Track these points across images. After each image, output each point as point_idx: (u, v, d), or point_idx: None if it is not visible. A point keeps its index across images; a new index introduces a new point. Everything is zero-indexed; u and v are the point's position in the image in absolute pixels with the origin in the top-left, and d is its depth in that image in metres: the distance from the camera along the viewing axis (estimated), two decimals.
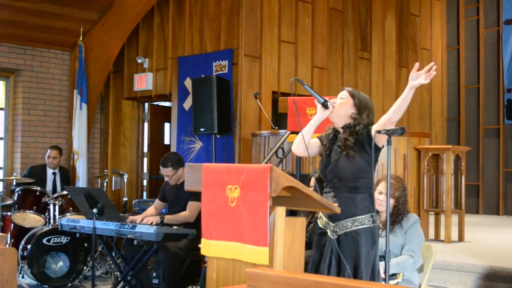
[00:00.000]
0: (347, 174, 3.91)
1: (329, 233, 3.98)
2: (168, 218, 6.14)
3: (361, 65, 11.01)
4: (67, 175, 8.86)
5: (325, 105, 3.98)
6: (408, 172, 7.31)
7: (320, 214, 4.06)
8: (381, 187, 4.63)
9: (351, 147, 3.92)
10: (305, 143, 3.98)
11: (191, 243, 5.86)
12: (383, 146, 3.92)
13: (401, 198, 4.68)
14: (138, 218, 6.21)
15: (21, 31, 9.56)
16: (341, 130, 4.04)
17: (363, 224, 3.90)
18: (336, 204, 3.67)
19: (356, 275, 3.88)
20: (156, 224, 5.97)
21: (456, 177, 7.71)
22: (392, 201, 4.61)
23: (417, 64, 3.77)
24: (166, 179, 6.41)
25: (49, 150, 8.54)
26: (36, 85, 9.98)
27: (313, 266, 4.03)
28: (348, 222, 3.91)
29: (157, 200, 6.64)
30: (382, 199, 4.57)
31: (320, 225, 4.04)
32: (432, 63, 3.75)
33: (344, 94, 4.07)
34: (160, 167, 6.39)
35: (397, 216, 4.64)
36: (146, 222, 6.00)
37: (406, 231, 4.61)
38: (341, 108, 3.99)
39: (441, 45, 12.86)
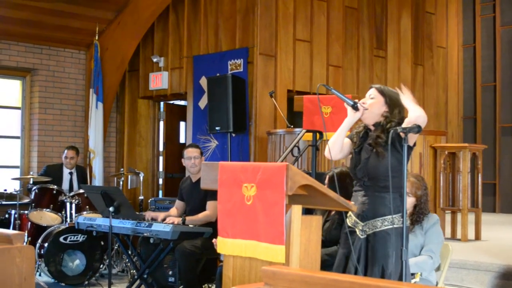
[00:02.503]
0: (377, 172, 3.84)
1: (357, 232, 3.92)
2: (189, 219, 6.11)
3: (377, 63, 10.96)
4: (84, 174, 8.90)
5: (355, 107, 3.89)
6: (424, 171, 7.28)
7: (349, 212, 3.98)
8: None
9: (382, 145, 3.84)
10: (330, 152, 3.94)
11: (207, 242, 5.86)
12: (414, 145, 3.86)
13: (423, 197, 4.59)
14: (160, 215, 6.21)
15: (37, 30, 9.62)
16: (372, 128, 3.97)
17: (393, 224, 3.82)
18: (353, 203, 3.64)
19: (384, 275, 3.80)
20: (178, 225, 5.97)
21: (473, 176, 7.66)
22: (413, 200, 4.55)
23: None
24: (189, 165, 6.42)
25: (66, 151, 8.56)
26: (52, 84, 10.03)
27: (340, 265, 3.98)
28: (377, 221, 3.85)
29: (177, 201, 6.66)
30: None
31: (349, 224, 3.97)
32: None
33: (373, 92, 3.99)
34: (189, 148, 6.52)
35: (418, 215, 4.57)
36: (167, 222, 6.00)
37: (426, 231, 4.54)
38: (372, 108, 3.93)
39: (457, 43, 12.79)
